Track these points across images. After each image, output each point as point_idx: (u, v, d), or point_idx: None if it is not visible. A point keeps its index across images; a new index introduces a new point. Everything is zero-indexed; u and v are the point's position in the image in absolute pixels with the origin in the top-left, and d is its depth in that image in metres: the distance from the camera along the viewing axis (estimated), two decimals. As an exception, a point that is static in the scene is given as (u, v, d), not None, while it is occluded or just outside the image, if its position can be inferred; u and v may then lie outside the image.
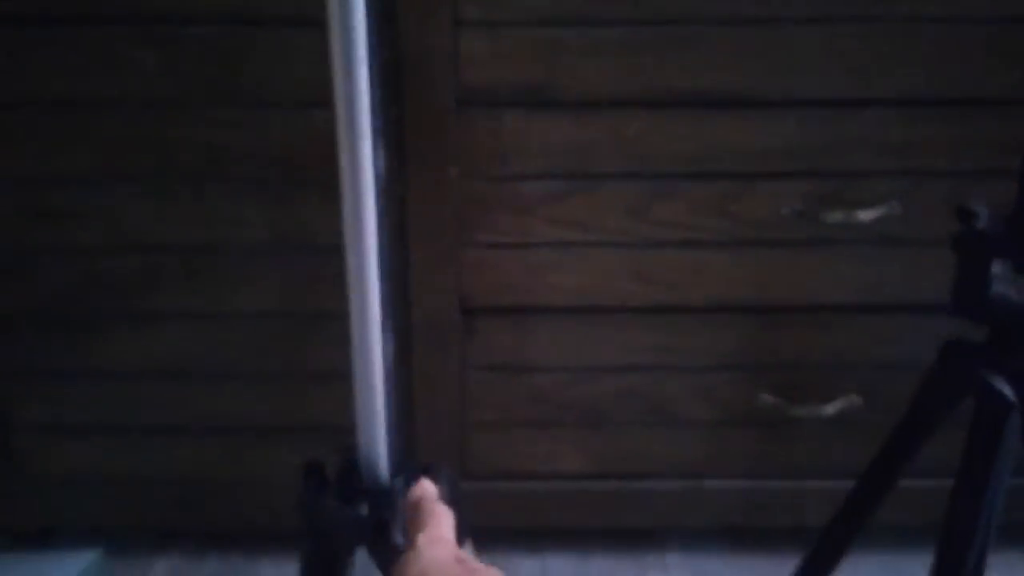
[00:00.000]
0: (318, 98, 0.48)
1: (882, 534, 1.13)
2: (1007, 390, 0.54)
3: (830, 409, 1.02)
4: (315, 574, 0.52)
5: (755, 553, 1.13)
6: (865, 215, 0.94)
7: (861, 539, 1.13)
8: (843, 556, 0.66)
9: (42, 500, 1.11)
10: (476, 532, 0.59)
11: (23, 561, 1.14)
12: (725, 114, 0.92)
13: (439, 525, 0.40)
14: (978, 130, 0.92)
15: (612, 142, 0.93)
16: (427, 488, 0.43)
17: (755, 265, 0.98)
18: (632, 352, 1.03)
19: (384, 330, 0.49)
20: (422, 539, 0.38)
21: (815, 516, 0.78)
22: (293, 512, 0.54)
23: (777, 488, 1.08)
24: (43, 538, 1.17)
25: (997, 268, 0.54)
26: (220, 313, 1.00)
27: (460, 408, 1.06)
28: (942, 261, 0.62)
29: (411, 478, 0.52)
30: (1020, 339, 0.55)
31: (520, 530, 1.15)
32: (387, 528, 0.49)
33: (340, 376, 0.57)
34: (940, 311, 0.63)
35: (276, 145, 0.92)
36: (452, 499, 0.53)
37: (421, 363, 1.03)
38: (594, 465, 1.09)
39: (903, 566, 1.12)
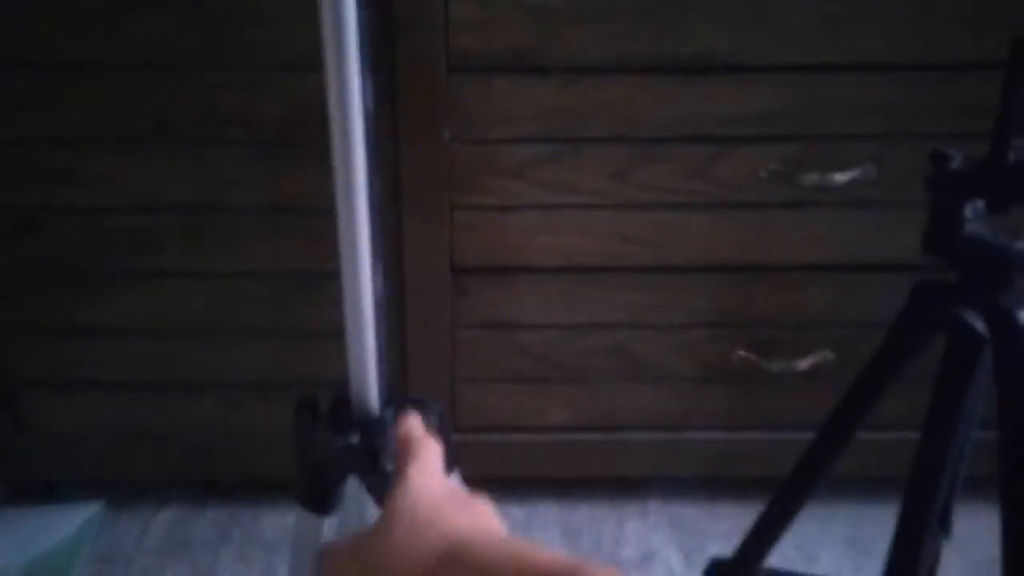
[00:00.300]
0: (313, 62, 0.51)
1: (852, 486, 1.19)
2: (979, 325, 0.56)
3: (803, 364, 1.07)
4: (310, 501, 0.56)
5: (730, 501, 1.18)
6: (840, 177, 0.97)
7: (831, 491, 1.18)
8: (808, 496, 0.70)
9: (45, 454, 1.15)
10: (465, 481, 0.63)
11: (27, 513, 1.19)
12: (706, 79, 0.94)
13: (428, 457, 0.40)
14: (952, 94, 0.95)
15: (597, 107, 0.96)
16: (415, 421, 0.43)
17: (734, 226, 1.02)
18: (615, 310, 1.07)
19: (374, 267, 0.53)
20: (412, 471, 0.38)
21: (788, 467, 0.82)
22: (291, 461, 0.58)
23: (752, 440, 1.13)
24: (46, 491, 1.21)
25: (969, 209, 0.56)
26: (218, 272, 1.04)
27: (450, 363, 1.10)
28: (915, 222, 0.65)
29: (400, 410, 0.56)
30: (991, 277, 0.56)
31: (507, 479, 1.19)
32: (377, 456, 0.54)
33: (335, 333, 0.61)
34: (912, 270, 0.66)
35: (272, 108, 0.95)
36: (441, 431, 0.57)
37: (413, 320, 1.06)
38: (578, 418, 1.13)
39: (873, 515, 1.17)
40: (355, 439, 0.54)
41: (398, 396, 0.58)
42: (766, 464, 1.11)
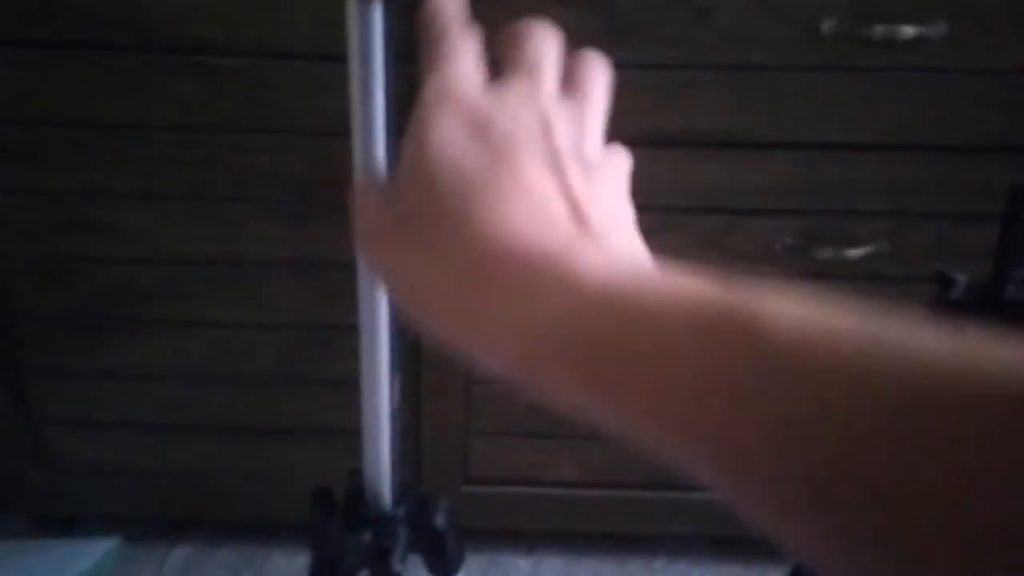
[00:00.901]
0: (337, 128, 0.52)
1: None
2: None
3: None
4: (323, 590, 0.58)
5: (737, 562, 1.19)
6: (854, 253, 0.98)
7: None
8: None
9: (66, 490, 1.18)
10: (475, 532, 0.65)
11: (46, 547, 1.22)
12: (722, 154, 0.96)
13: (464, 57, 0.26)
14: (963, 174, 0.96)
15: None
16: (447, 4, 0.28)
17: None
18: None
19: (392, 373, 0.55)
20: (433, 85, 0.26)
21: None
22: (303, 507, 0.60)
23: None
24: (66, 525, 1.24)
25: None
26: (241, 323, 1.06)
27: (464, 417, 1.12)
28: (926, 296, 0.66)
29: (412, 508, 0.58)
30: None
31: (516, 532, 1.21)
32: (388, 555, 0.55)
33: (350, 384, 0.62)
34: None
35: (298, 170, 0.97)
36: (451, 531, 0.59)
37: (428, 375, 1.08)
38: (587, 474, 1.15)
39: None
40: (367, 537, 0.56)
41: (411, 489, 0.60)
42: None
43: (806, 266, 1.00)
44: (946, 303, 0.56)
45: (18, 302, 1.05)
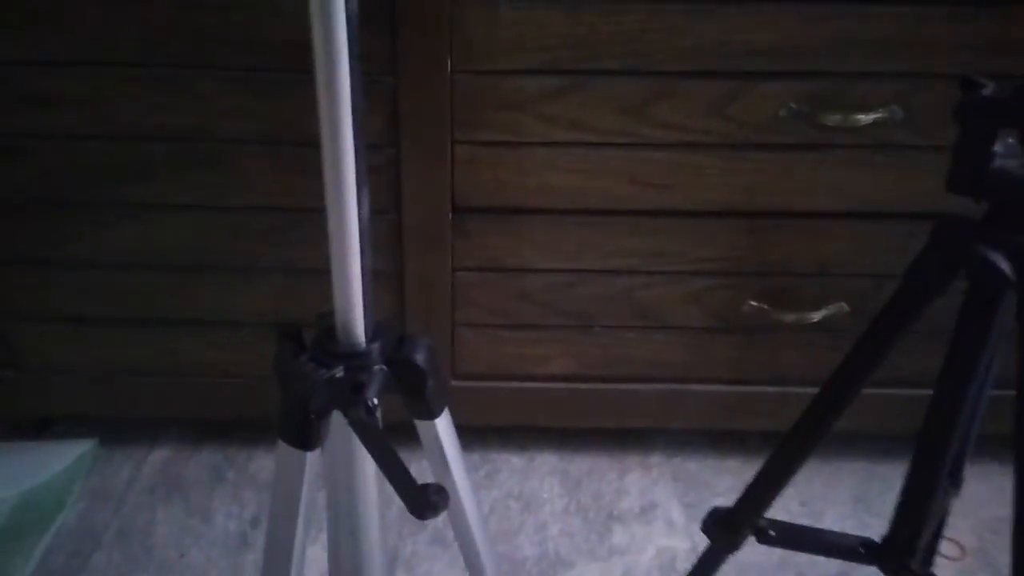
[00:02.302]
0: None
1: (860, 444, 1.16)
2: (1005, 266, 0.52)
3: (816, 316, 1.03)
4: (291, 436, 0.53)
5: (735, 455, 1.16)
6: (864, 118, 0.92)
7: (839, 448, 1.15)
8: (814, 447, 0.67)
9: (38, 389, 1.13)
10: (466, 430, 0.60)
11: (20, 450, 1.17)
12: (725, 9, 0.89)
13: None
14: (986, 32, 0.89)
15: (609, 37, 0.90)
16: None
17: (749, 169, 0.97)
18: (622, 256, 1.03)
19: (359, 193, 0.49)
20: None
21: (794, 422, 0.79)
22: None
23: (759, 393, 1.10)
24: (40, 428, 1.20)
25: (999, 144, 0.52)
26: (210, 205, 1.00)
27: (450, 308, 1.06)
28: (941, 169, 0.60)
29: (388, 345, 0.53)
30: (1020, 215, 0.52)
31: (507, 428, 1.17)
32: (361, 389, 0.50)
33: (329, 272, 0.57)
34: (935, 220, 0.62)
35: (267, 32, 0.90)
36: (431, 368, 0.54)
37: (412, 263, 1.03)
38: (580, 367, 1.10)
39: (880, 473, 1.15)
40: (340, 372, 0.51)
41: (386, 329, 0.54)
42: (772, 418, 1.08)
43: (811, 135, 0.94)
44: (976, 106, 0.51)
45: (-30, 185, 0.98)
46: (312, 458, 0.53)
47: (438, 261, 1.03)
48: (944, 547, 1.05)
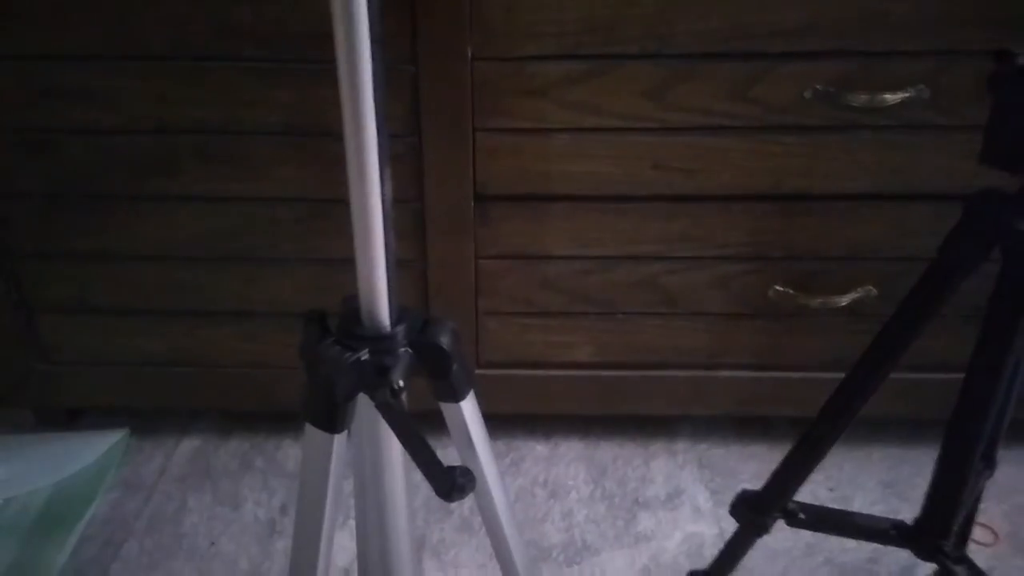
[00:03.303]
0: None
1: (890, 429, 1.15)
2: None
3: (844, 300, 1.02)
4: (318, 419, 0.53)
5: (760, 441, 1.15)
6: (891, 98, 0.90)
7: (869, 433, 1.14)
8: (844, 428, 0.66)
9: (69, 381, 1.15)
10: (490, 418, 0.61)
11: (53, 441, 1.20)
12: (749, -11, 0.88)
13: None
14: (1010, 7, 0.87)
15: (630, 20, 0.90)
16: None
17: (774, 152, 0.96)
18: (646, 241, 1.02)
19: (382, 176, 0.49)
20: None
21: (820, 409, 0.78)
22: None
23: (785, 379, 1.09)
24: (71, 419, 1.22)
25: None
26: (236, 197, 1.01)
27: (473, 296, 1.07)
28: (970, 148, 0.59)
29: (413, 328, 0.53)
30: None
31: (532, 416, 1.17)
32: (387, 372, 0.50)
33: (354, 260, 0.57)
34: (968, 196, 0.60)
35: (290, 25, 0.90)
36: (456, 350, 0.54)
37: (435, 251, 1.03)
38: (605, 354, 1.10)
39: (911, 459, 1.13)
40: (365, 355, 0.51)
41: (411, 313, 0.54)
42: (798, 405, 1.07)
43: (837, 116, 0.93)
44: (1011, 77, 0.49)
45: (1, 180, 1.00)
46: (339, 441, 0.53)
47: (461, 249, 1.03)
48: (977, 532, 1.04)
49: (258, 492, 1.11)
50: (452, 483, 0.49)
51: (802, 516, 0.68)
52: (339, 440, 0.53)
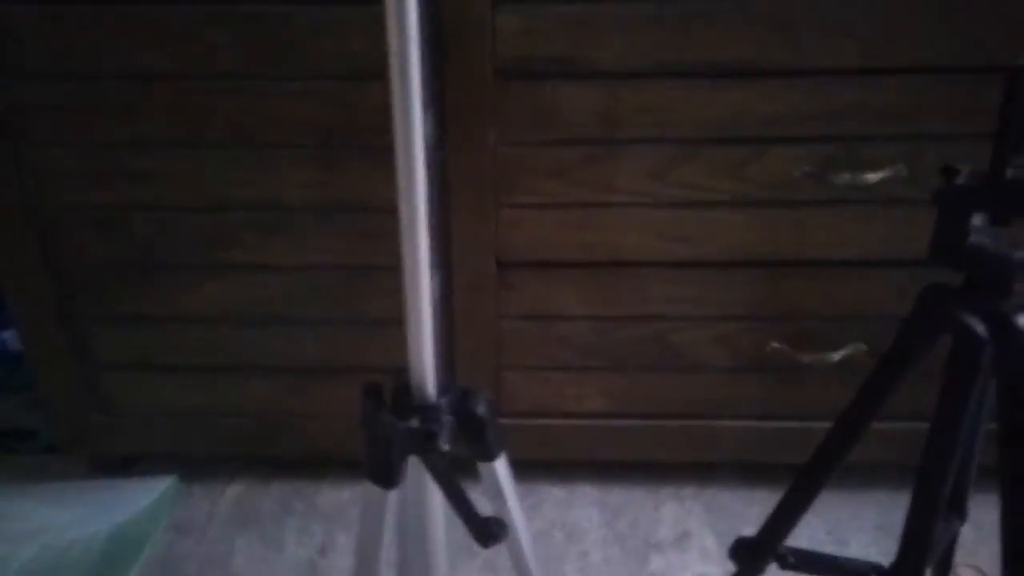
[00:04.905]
0: (369, 71, 0.55)
1: (884, 474, 1.23)
2: (980, 329, 0.60)
3: (836, 356, 1.11)
4: (376, 477, 0.63)
5: (764, 486, 1.23)
6: (872, 177, 1.01)
7: (864, 479, 1.22)
8: (826, 480, 0.75)
9: (124, 432, 1.25)
10: (510, 464, 0.70)
11: (109, 487, 1.29)
12: (742, 83, 0.99)
13: None
14: (983, 96, 0.98)
15: (637, 110, 1.01)
16: None
17: (768, 224, 1.06)
18: (652, 303, 1.12)
19: (432, 266, 0.59)
20: None
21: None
22: (350, 441, 0.65)
23: (786, 428, 1.17)
24: (124, 467, 1.32)
25: (976, 219, 0.60)
26: (285, 266, 1.12)
27: (495, 353, 1.17)
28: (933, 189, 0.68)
29: (454, 399, 0.63)
30: (993, 284, 0.60)
31: (549, 462, 1.26)
32: (435, 438, 0.60)
33: (390, 323, 0.66)
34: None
35: (332, 115, 1.02)
36: (491, 418, 0.64)
37: (461, 312, 1.13)
38: (616, 405, 1.19)
39: (905, 503, 1.21)
40: (415, 423, 0.61)
41: (453, 385, 0.64)
42: (798, 451, 1.15)
43: (824, 192, 1.03)
44: (952, 192, 0.59)
45: (72, 251, 1.12)
46: (392, 496, 0.63)
47: (485, 311, 1.13)
48: (965, 574, 1.12)
49: (299, 534, 1.20)
50: (488, 531, 0.59)
51: (792, 560, 0.76)
52: (392, 496, 0.63)
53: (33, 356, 1.19)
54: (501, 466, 0.65)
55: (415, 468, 0.64)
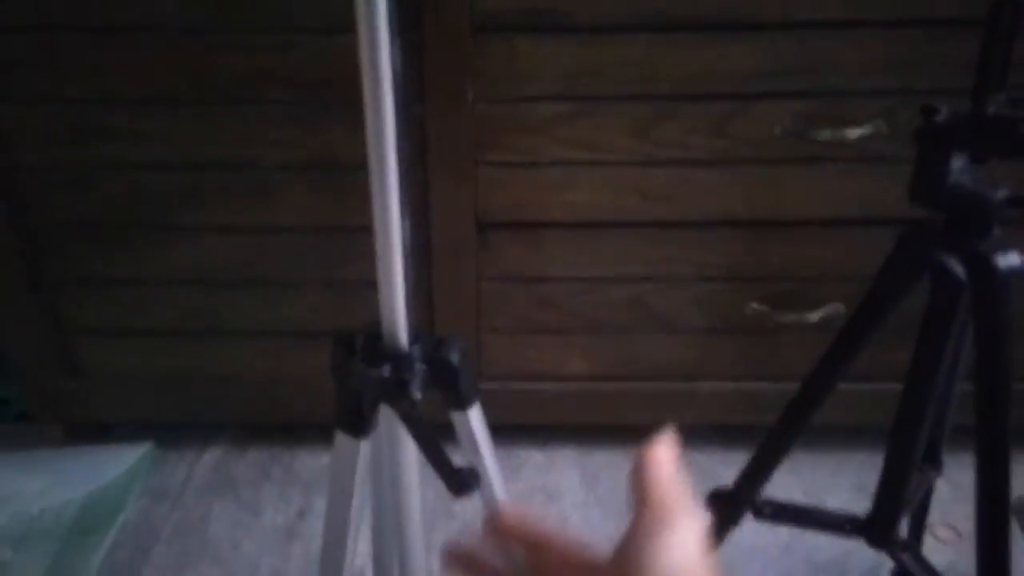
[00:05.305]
0: (344, 24, 0.54)
1: (863, 435, 1.23)
2: (959, 270, 0.60)
3: (814, 316, 1.11)
4: (348, 425, 0.62)
5: (742, 448, 1.23)
6: (852, 133, 1.00)
7: (843, 440, 1.22)
8: (799, 433, 0.75)
9: (98, 398, 1.24)
10: (491, 428, 0.69)
11: (81, 454, 1.28)
12: (724, 37, 0.97)
13: (689, 533, 0.30)
14: (964, 50, 0.96)
15: (617, 66, 0.99)
16: (667, 469, 0.32)
17: (748, 182, 1.05)
18: (633, 264, 1.11)
19: (402, 213, 0.58)
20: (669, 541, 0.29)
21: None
22: (327, 407, 0.64)
23: (763, 389, 1.17)
24: (99, 433, 1.30)
25: (955, 160, 0.60)
26: (257, 227, 1.10)
27: (475, 316, 1.15)
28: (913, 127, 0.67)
29: (427, 347, 0.62)
30: (973, 224, 0.60)
31: (529, 426, 1.26)
32: (406, 386, 0.59)
33: (367, 286, 0.65)
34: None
35: (306, 69, 0.99)
36: (464, 365, 0.63)
37: (439, 275, 1.12)
38: (596, 368, 1.19)
39: (880, 463, 1.22)
40: (387, 371, 0.59)
41: (425, 334, 0.63)
42: (775, 413, 1.16)
43: (805, 150, 1.02)
44: (932, 131, 0.59)
45: (40, 212, 1.09)
46: (364, 447, 0.62)
47: (464, 273, 1.12)
48: (942, 532, 1.12)
49: (276, 500, 1.19)
50: (461, 481, 0.58)
51: (767, 510, 0.76)
52: (364, 446, 0.62)
53: (3, 321, 1.17)
54: (475, 415, 0.64)
55: (388, 419, 0.63)
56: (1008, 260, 0.58)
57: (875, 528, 0.72)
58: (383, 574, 0.78)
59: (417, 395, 0.59)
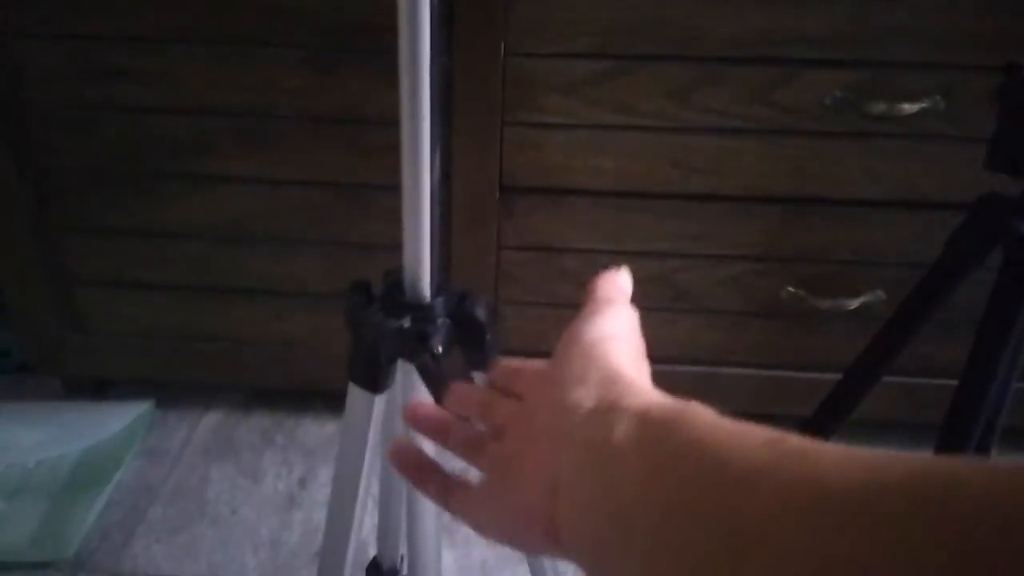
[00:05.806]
0: None
1: (896, 431, 1.18)
2: None
3: (853, 303, 1.05)
4: (362, 379, 0.57)
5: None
6: (908, 108, 0.94)
7: (874, 435, 1.17)
8: (840, 423, 0.69)
9: (100, 353, 1.19)
10: None
11: (82, 409, 1.24)
12: (774, -2, 0.91)
13: (622, 314, 0.34)
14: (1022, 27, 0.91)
15: (658, 23, 0.93)
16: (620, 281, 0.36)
17: (792, 156, 0.99)
18: (663, 238, 1.06)
19: (432, 158, 0.53)
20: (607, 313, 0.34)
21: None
22: (337, 374, 0.59)
23: (790, 378, 1.12)
24: (99, 388, 1.26)
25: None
26: (270, 179, 1.05)
27: (493, 286, 1.10)
28: (977, 160, 0.63)
29: (451, 301, 0.57)
30: None
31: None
32: (427, 339, 0.54)
33: (384, 247, 0.60)
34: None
35: (330, 15, 0.94)
36: (490, 323, 0.58)
37: (458, 240, 1.07)
38: (619, 345, 1.13)
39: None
40: (407, 322, 0.54)
41: (449, 287, 0.58)
42: (800, 405, 1.10)
43: (855, 123, 0.96)
44: (1016, 86, 0.53)
45: (45, 155, 1.04)
46: (379, 403, 0.57)
47: (484, 239, 1.07)
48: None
49: (278, 466, 1.15)
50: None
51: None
52: (379, 401, 0.57)
53: (5, 269, 1.12)
54: (500, 377, 0.59)
55: (405, 374, 0.57)
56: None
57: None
58: (389, 544, 0.73)
59: (438, 349, 0.54)
